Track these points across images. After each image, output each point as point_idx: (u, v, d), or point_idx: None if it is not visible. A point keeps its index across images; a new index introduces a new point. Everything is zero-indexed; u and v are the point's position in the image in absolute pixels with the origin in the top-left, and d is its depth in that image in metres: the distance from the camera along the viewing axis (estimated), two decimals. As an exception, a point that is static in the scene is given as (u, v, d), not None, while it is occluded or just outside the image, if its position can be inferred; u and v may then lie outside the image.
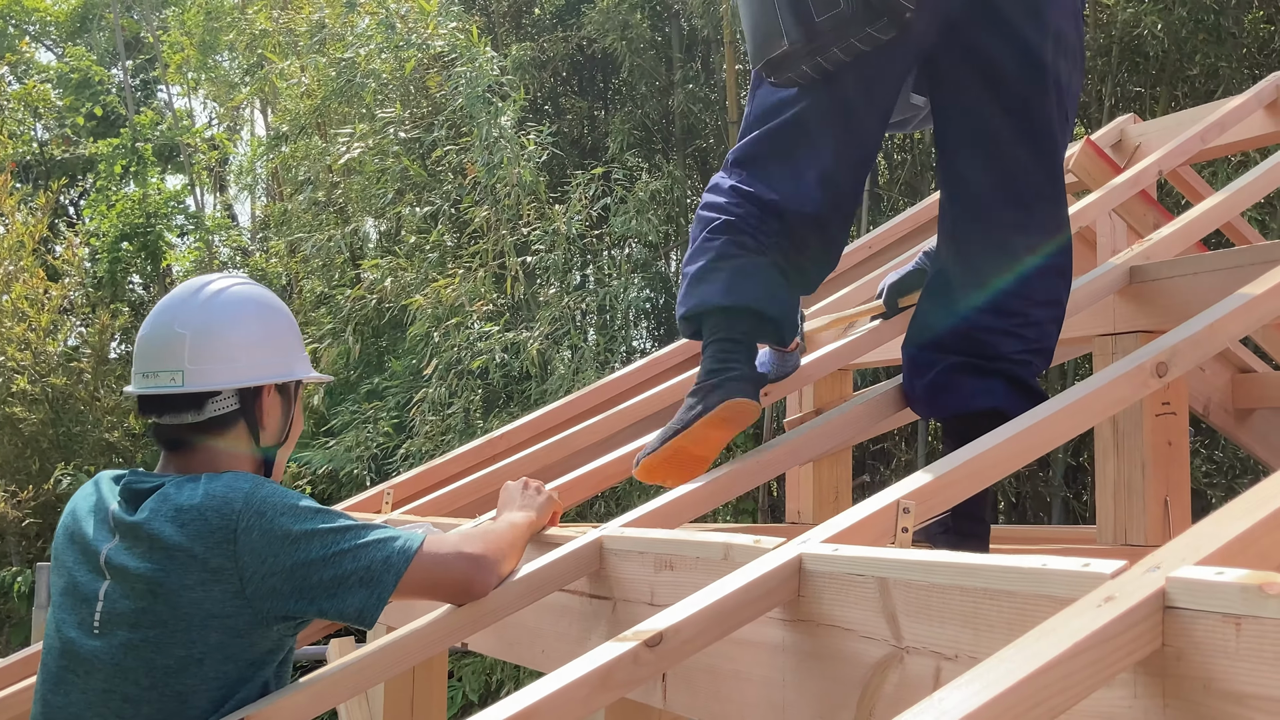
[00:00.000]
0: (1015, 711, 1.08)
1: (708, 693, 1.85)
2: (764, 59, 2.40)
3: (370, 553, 2.01)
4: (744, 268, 2.41)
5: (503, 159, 8.91)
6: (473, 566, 2.06)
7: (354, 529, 2.04)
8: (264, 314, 2.26)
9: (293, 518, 2.00)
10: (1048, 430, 1.88)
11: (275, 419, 2.24)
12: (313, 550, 1.99)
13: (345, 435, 9.56)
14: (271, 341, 2.24)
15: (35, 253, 12.34)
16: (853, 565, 1.56)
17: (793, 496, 3.88)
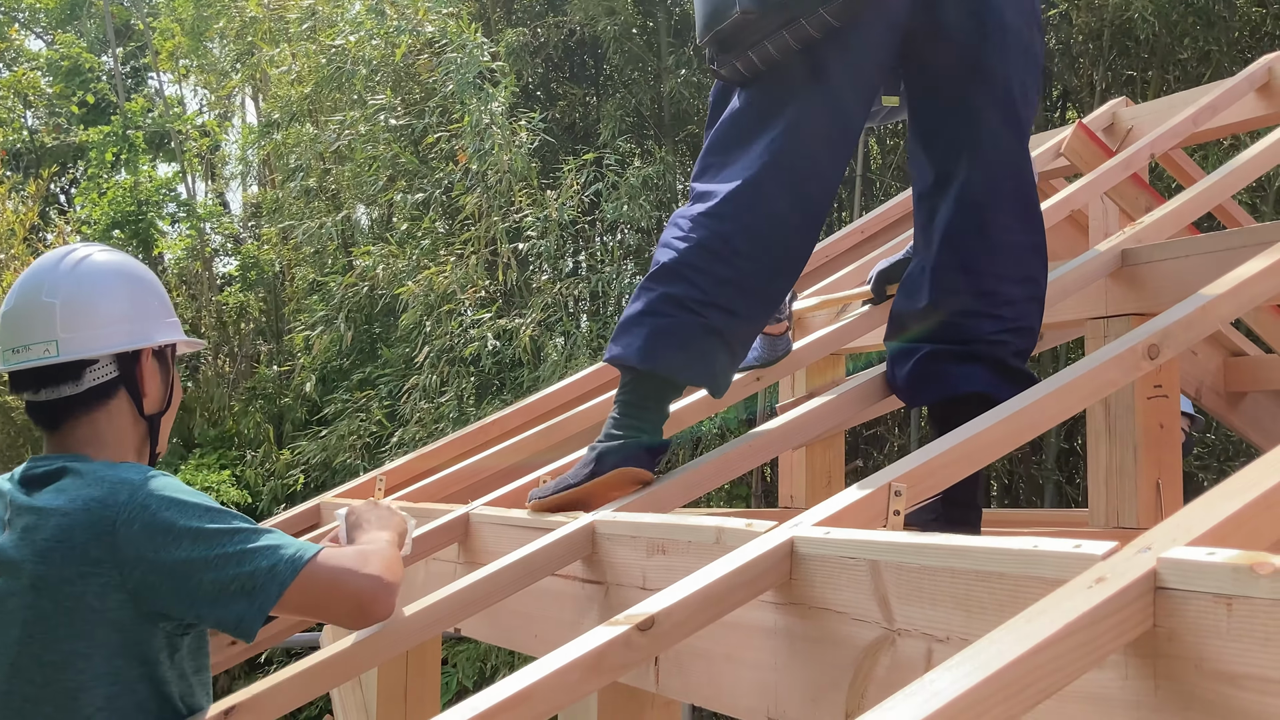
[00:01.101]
0: (1007, 693, 1.08)
1: (700, 676, 1.85)
2: (712, 31, 2.31)
3: (256, 559, 1.89)
4: (669, 329, 2.28)
5: (494, 145, 8.89)
6: (376, 586, 1.93)
7: (243, 532, 1.91)
8: (131, 280, 2.17)
9: (179, 512, 1.90)
10: (1039, 413, 1.87)
11: (156, 385, 2.15)
12: (196, 550, 1.88)
13: (338, 424, 9.55)
14: (142, 307, 2.16)
15: (26, 241, 12.30)
16: (844, 548, 1.56)
17: (785, 481, 3.88)
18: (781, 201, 2.31)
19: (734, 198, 2.30)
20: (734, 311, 2.32)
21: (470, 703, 1.51)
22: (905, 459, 1.82)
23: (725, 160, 2.36)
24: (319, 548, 1.95)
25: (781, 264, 2.36)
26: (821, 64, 2.30)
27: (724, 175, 2.34)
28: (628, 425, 2.35)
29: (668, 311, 2.29)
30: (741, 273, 2.30)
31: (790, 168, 2.31)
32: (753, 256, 2.30)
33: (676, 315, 2.29)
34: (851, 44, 2.30)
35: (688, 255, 2.29)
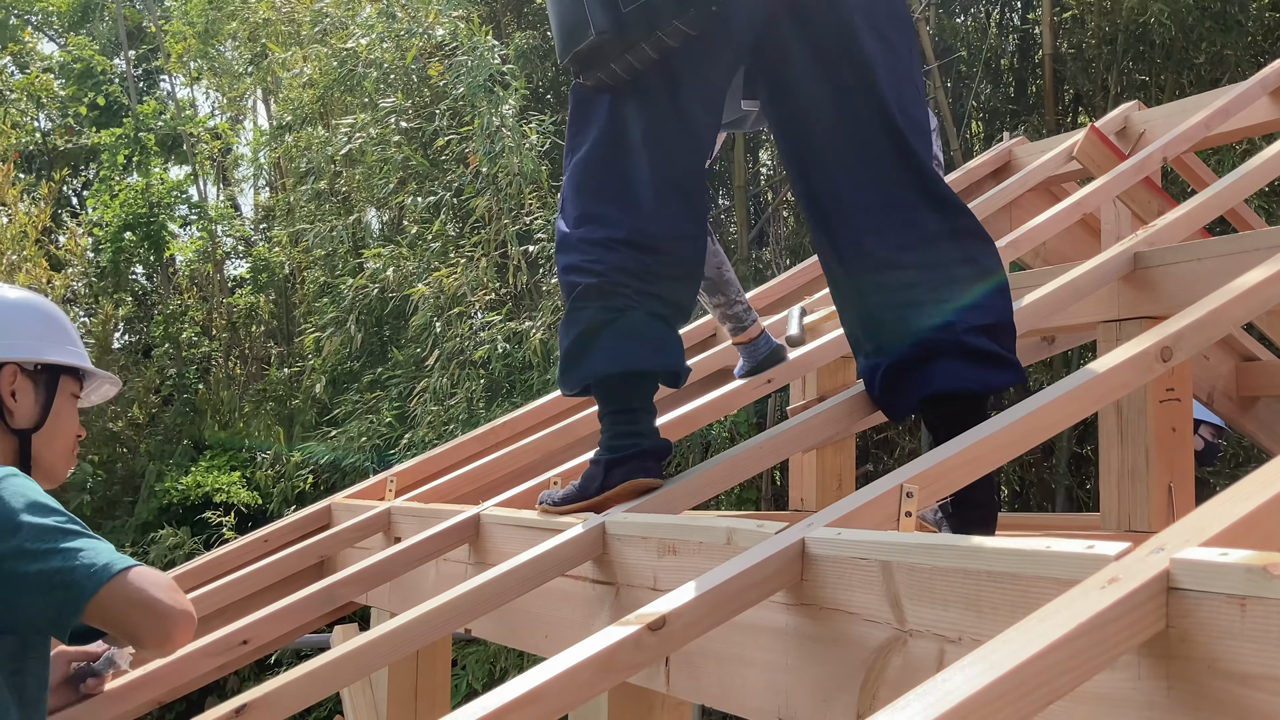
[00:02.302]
0: (1019, 692, 1.08)
1: (711, 677, 1.85)
2: (571, 52, 2.37)
3: (81, 556, 1.96)
4: (620, 329, 2.38)
5: (504, 148, 8.89)
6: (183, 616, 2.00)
7: (75, 533, 1.99)
8: (7, 303, 2.30)
9: (20, 506, 1.97)
10: (1052, 414, 1.87)
11: (26, 402, 2.24)
12: (28, 542, 1.95)
13: (348, 425, 9.56)
14: (15, 325, 2.27)
15: (38, 243, 12.33)
16: (856, 549, 1.55)
17: (796, 484, 3.87)
18: (668, 206, 2.41)
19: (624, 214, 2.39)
20: (664, 297, 2.42)
21: (480, 702, 1.51)
22: (917, 460, 1.82)
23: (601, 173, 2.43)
24: (139, 563, 2.01)
25: (682, 257, 2.45)
26: (679, 71, 2.38)
27: (607, 192, 2.42)
28: (625, 434, 2.40)
29: (610, 317, 2.38)
30: (655, 269, 2.40)
31: (666, 174, 2.41)
32: (658, 255, 2.40)
33: (620, 315, 2.38)
34: (709, 49, 2.38)
35: (606, 272, 2.38)
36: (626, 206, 2.40)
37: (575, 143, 2.50)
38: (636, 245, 2.39)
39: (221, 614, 2.97)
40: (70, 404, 2.34)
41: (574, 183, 2.48)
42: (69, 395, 2.33)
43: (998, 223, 4.49)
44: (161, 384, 12.68)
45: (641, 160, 2.40)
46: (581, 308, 2.41)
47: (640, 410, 2.43)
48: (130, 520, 11.14)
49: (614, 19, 2.28)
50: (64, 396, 2.32)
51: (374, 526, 3.15)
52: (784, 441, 2.39)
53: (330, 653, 2.05)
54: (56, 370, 2.31)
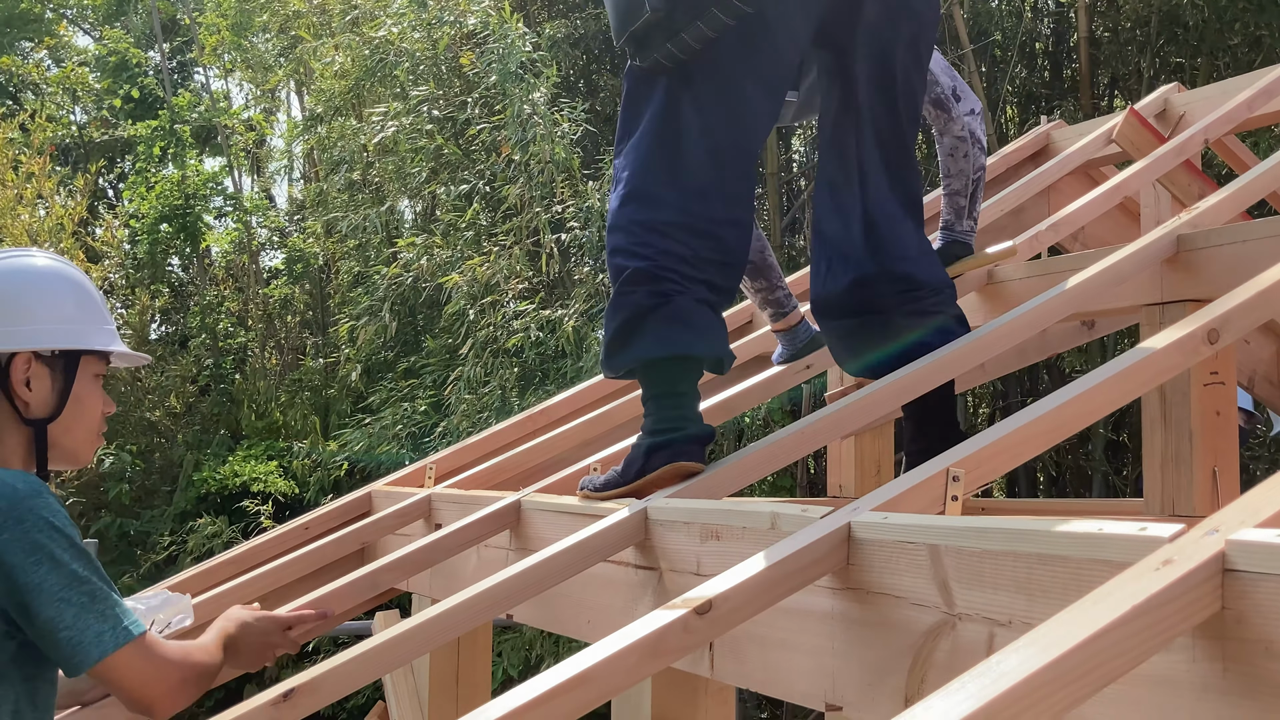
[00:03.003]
0: (1074, 674, 1.07)
1: (756, 661, 1.85)
2: (626, 32, 2.38)
3: (90, 624, 1.94)
4: (669, 315, 2.39)
5: (536, 136, 8.90)
6: (162, 695, 2.01)
7: (91, 585, 1.95)
8: (25, 281, 2.18)
9: (50, 538, 1.93)
10: (1099, 397, 1.86)
11: (42, 391, 2.14)
12: (49, 580, 1.92)
13: (384, 413, 9.60)
14: (30, 309, 2.15)
15: (75, 235, 12.43)
16: (903, 533, 1.55)
17: (834, 471, 3.87)
18: (718, 190, 2.44)
19: (675, 198, 2.42)
20: (711, 283, 2.44)
21: (529, 685, 1.52)
22: (963, 444, 1.81)
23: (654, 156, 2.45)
24: (141, 632, 1.99)
25: (729, 242, 2.48)
26: (735, 52, 2.40)
27: (658, 176, 2.44)
28: (669, 418, 2.41)
29: (658, 302, 2.39)
30: (703, 255, 2.42)
31: (720, 159, 2.44)
32: (706, 239, 2.42)
33: (667, 301, 2.39)
34: (768, 25, 2.41)
35: (655, 256, 2.40)
36: (677, 190, 2.42)
37: (629, 126, 2.51)
38: (686, 229, 2.40)
39: (263, 601, 2.99)
40: (93, 385, 2.23)
41: (626, 165, 2.49)
42: (91, 376, 2.22)
43: (1036, 207, 4.46)
44: (198, 374, 12.77)
45: (694, 144, 2.41)
46: (629, 292, 2.41)
47: (685, 395, 2.44)
48: (168, 509, 11.24)
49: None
50: (85, 379, 2.20)
51: (414, 513, 3.17)
52: (824, 427, 2.38)
53: (375, 638, 2.06)
54: (77, 353, 2.19)
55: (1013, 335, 2.50)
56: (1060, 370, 9.50)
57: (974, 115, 3.39)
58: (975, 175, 3.38)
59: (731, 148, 2.45)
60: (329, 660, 2.04)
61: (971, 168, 3.34)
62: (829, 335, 2.70)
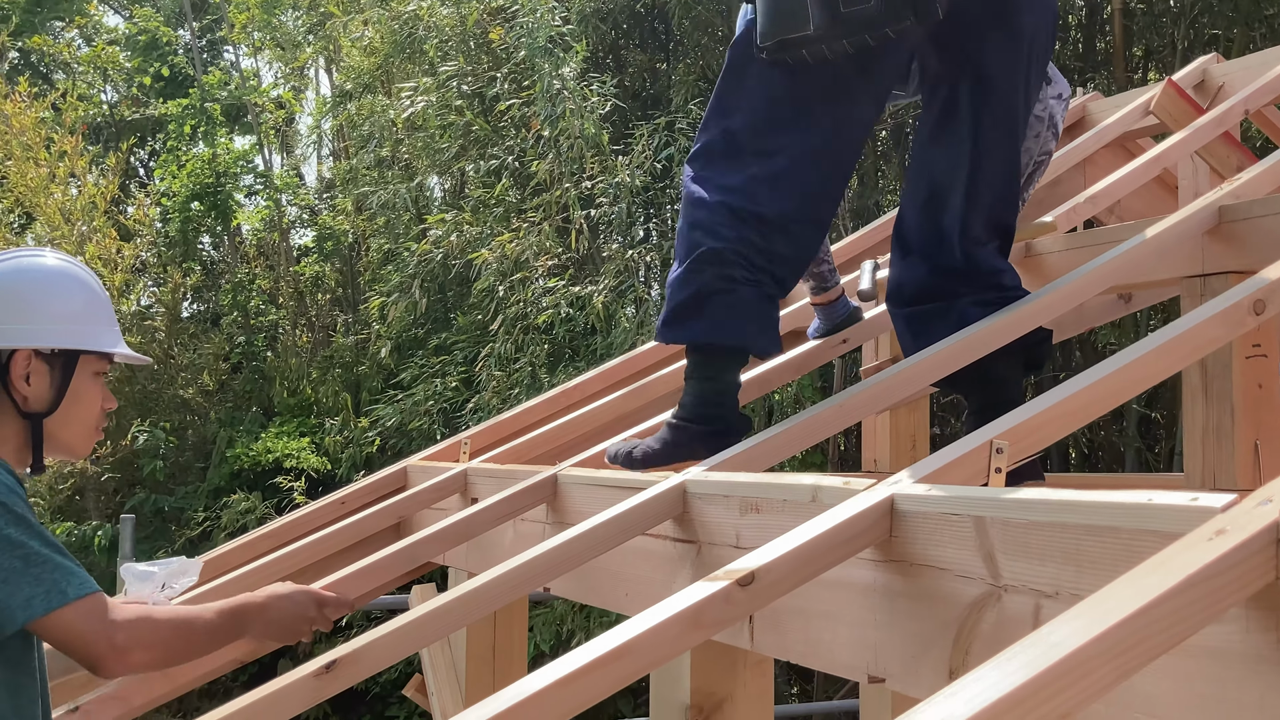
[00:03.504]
0: (1126, 645, 1.07)
1: (796, 634, 1.85)
2: (777, 38, 2.38)
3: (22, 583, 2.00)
4: (733, 304, 2.46)
5: (565, 111, 8.87)
6: (108, 652, 2.06)
7: (28, 551, 2.02)
8: (29, 281, 2.27)
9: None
10: (1143, 368, 1.84)
11: (41, 387, 2.22)
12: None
13: (415, 389, 9.63)
14: (31, 308, 2.23)
15: (107, 213, 12.51)
16: (947, 504, 1.54)
17: (869, 445, 3.85)
18: (808, 189, 2.49)
19: (764, 189, 2.45)
20: (782, 280, 2.52)
21: (571, 657, 1.52)
22: (1006, 416, 1.80)
23: (756, 143, 2.48)
24: (82, 594, 2.04)
25: (804, 240, 2.54)
26: (866, 68, 2.45)
27: (751, 163, 2.47)
28: (711, 403, 2.49)
29: (728, 288, 2.45)
30: (777, 249, 2.48)
31: (822, 162, 2.49)
32: (783, 233, 2.47)
33: (737, 290, 2.45)
34: (897, 51, 2.47)
35: (732, 241, 2.45)
36: (768, 181, 2.45)
37: (728, 103, 2.53)
38: (766, 221, 2.45)
39: (301, 575, 3.01)
40: (92, 383, 2.31)
41: (719, 144, 2.52)
42: (90, 374, 2.30)
43: (1071, 180, 4.41)
44: (230, 352, 12.85)
45: (797, 139, 2.45)
46: (699, 270, 2.46)
47: (729, 383, 2.53)
48: (202, 485, 11.33)
49: (831, 18, 2.31)
50: (84, 376, 2.28)
51: (451, 488, 3.17)
52: (863, 401, 2.37)
53: (415, 610, 2.07)
54: (76, 353, 2.26)
55: (1053, 308, 2.48)
56: (1093, 346, 9.44)
57: (1060, 100, 3.35)
58: (1040, 158, 3.35)
59: (835, 152, 2.51)
60: (371, 632, 2.05)
61: (1038, 149, 3.31)
62: (899, 322, 2.69)
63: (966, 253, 2.57)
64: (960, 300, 2.56)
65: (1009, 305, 2.55)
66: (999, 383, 2.60)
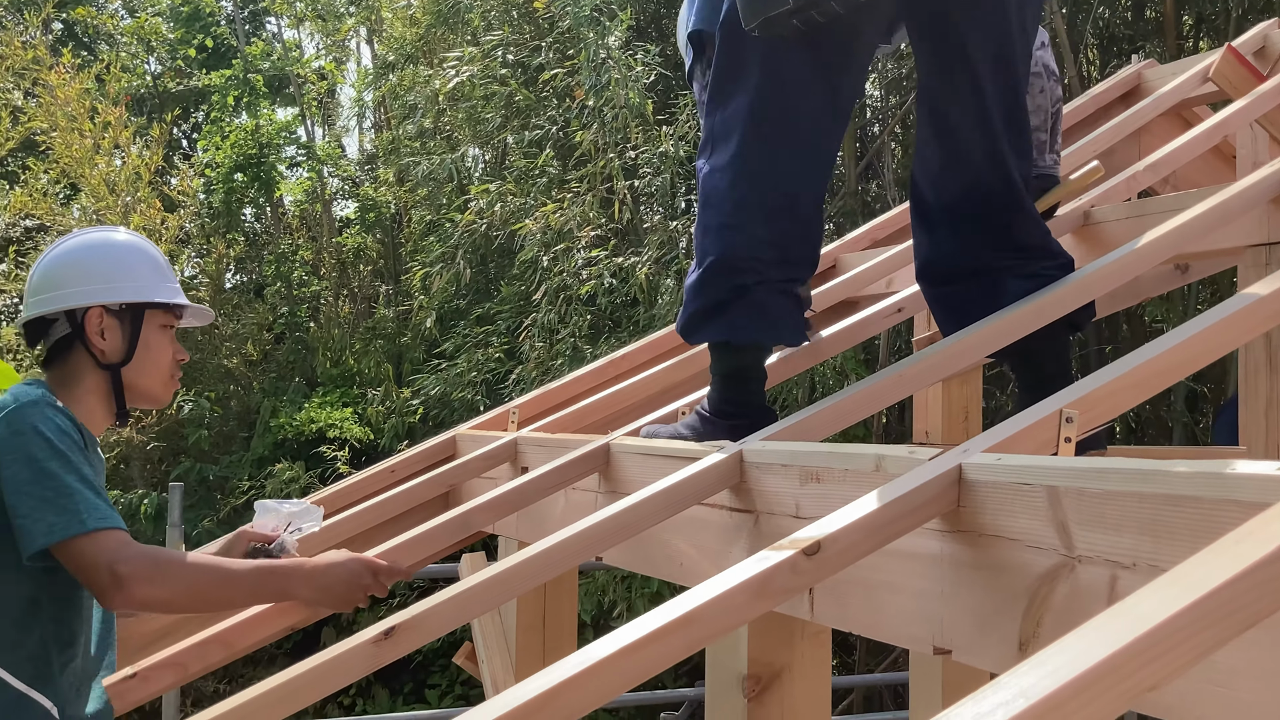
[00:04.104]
0: (1216, 616, 1.04)
1: (859, 605, 1.83)
2: (762, 17, 2.34)
3: (46, 510, 2.20)
4: (749, 307, 2.48)
5: (610, 80, 8.83)
6: (111, 582, 2.20)
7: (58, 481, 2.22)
8: (94, 250, 2.57)
9: (30, 439, 2.24)
10: (1215, 337, 1.81)
11: (115, 340, 2.50)
12: (21, 472, 2.22)
13: (458, 359, 9.65)
14: (99, 272, 2.52)
15: (151, 184, 12.57)
16: (1018, 474, 1.52)
17: (920, 417, 3.82)
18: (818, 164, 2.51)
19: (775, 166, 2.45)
20: (798, 279, 2.56)
21: (635, 625, 1.51)
22: (1077, 384, 1.77)
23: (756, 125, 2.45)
24: (99, 527, 2.22)
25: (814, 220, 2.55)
26: (857, 29, 2.44)
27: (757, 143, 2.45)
28: (734, 400, 2.53)
29: (738, 294, 2.48)
30: (789, 233, 2.48)
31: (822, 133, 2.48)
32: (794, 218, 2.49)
33: (751, 293, 2.48)
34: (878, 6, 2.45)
35: (742, 244, 2.46)
36: (769, 163, 2.45)
37: (725, 88, 2.50)
38: (773, 206, 2.45)
39: (350, 542, 3.02)
40: (161, 335, 2.57)
41: (720, 130, 2.50)
42: (158, 326, 2.57)
43: (1126, 150, 4.35)
44: (274, 322, 12.91)
45: (795, 115, 2.43)
46: (712, 280, 2.50)
47: (753, 380, 2.56)
48: (246, 455, 11.41)
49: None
50: (152, 328, 2.55)
51: (501, 456, 3.17)
52: (923, 370, 2.34)
53: (471, 578, 2.07)
54: (140, 306, 2.53)
55: (1117, 275, 2.45)
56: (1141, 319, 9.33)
57: (1044, 48, 3.28)
58: (1053, 108, 3.28)
59: (833, 122, 2.50)
60: (428, 599, 2.05)
61: (1049, 101, 3.24)
62: (935, 304, 2.66)
63: (1007, 210, 2.51)
64: (1007, 274, 2.51)
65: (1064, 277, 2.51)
66: (1050, 354, 2.56)
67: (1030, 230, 2.53)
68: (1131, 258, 2.45)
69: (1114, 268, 2.45)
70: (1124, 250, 2.49)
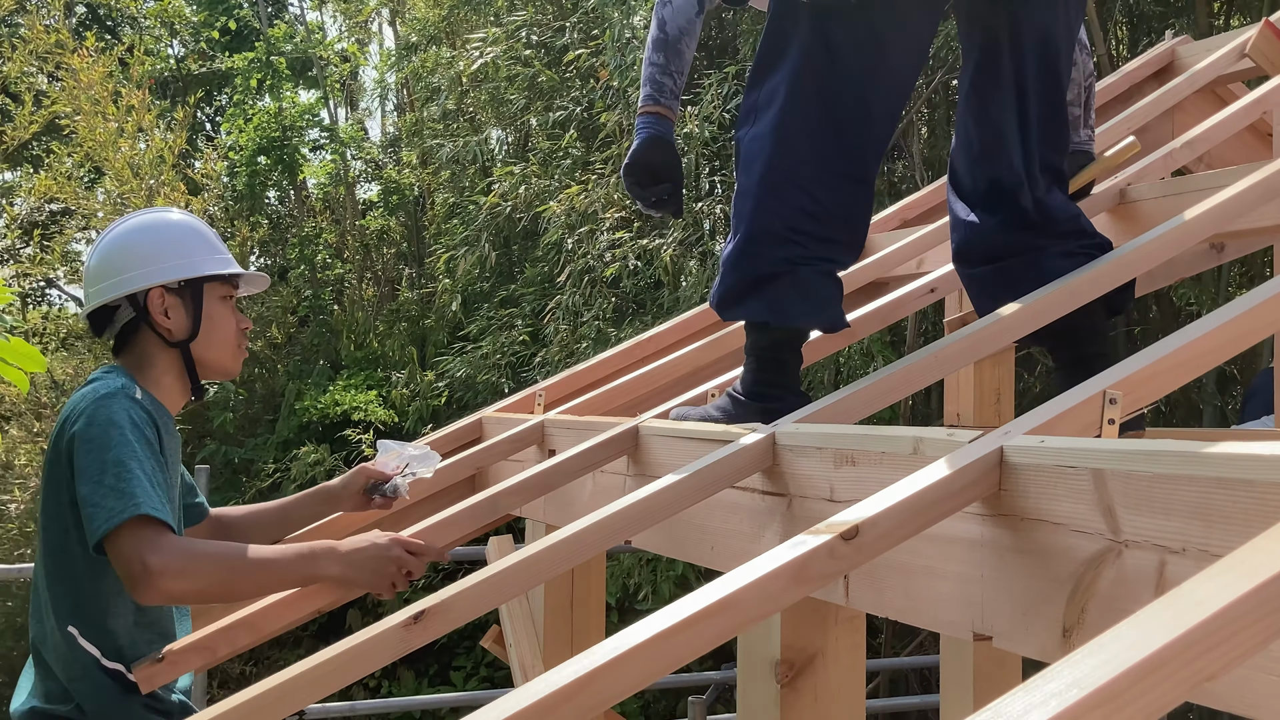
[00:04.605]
0: (1276, 603, 1.01)
1: (895, 590, 1.80)
2: None
3: (112, 496, 2.24)
4: (790, 286, 2.40)
5: (635, 60, 8.77)
6: (141, 574, 2.22)
7: (122, 469, 2.26)
8: (145, 232, 2.60)
9: (103, 429, 2.29)
10: (1263, 316, 1.76)
11: (179, 317, 2.56)
12: (90, 462, 2.27)
13: (483, 341, 9.63)
14: (152, 253, 2.56)
15: (175, 167, 12.57)
16: (1062, 456, 1.48)
17: (951, 399, 3.78)
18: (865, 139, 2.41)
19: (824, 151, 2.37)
20: (836, 260, 2.46)
21: (671, 610, 1.48)
22: (1121, 364, 1.73)
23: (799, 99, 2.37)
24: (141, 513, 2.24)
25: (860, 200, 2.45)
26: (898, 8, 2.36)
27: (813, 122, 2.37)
28: (769, 383, 2.47)
29: (784, 270, 2.39)
30: (834, 212, 2.40)
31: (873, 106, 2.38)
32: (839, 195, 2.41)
33: (795, 271, 2.39)
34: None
35: (786, 215, 2.38)
36: (824, 141, 2.37)
37: (773, 59, 2.42)
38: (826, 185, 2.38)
39: (380, 524, 3.00)
40: (222, 305, 2.63)
41: (763, 101, 2.43)
42: (218, 298, 2.63)
43: (1160, 128, 4.29)
44: (298, 305, 12.92)
45: (844, 87, 2.35)
46: (753, 251, 2.41)
47: (789, 361, 2.49)
48: (271, 437, 11.43)
49: None
50: (213, 301, 2.61)
51: (528, 439, 3.15)
52: (959, 350, 2.30)
53: (501, 562, 2.05)
54: (199, 281, 2.59)
55: (1155, 254, 2.41)
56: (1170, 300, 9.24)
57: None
58: (1086, 82, 3.22)
59: (886, 96, 2.40)
60: (458, 583, 2.03)
61: (1082, 75, 3.19)
62: (971, 284, 2.62)
63: (1037, 200, 2.48)
64: (1043, 253, 2.48)
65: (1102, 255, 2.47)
66: (1089, 333, 2.53)
67: (1064, 213, 2.50)
68: (1173, 234, 2.41)
69: (1155, 245, 2.41)
70: (1165, 227, 2.44)
